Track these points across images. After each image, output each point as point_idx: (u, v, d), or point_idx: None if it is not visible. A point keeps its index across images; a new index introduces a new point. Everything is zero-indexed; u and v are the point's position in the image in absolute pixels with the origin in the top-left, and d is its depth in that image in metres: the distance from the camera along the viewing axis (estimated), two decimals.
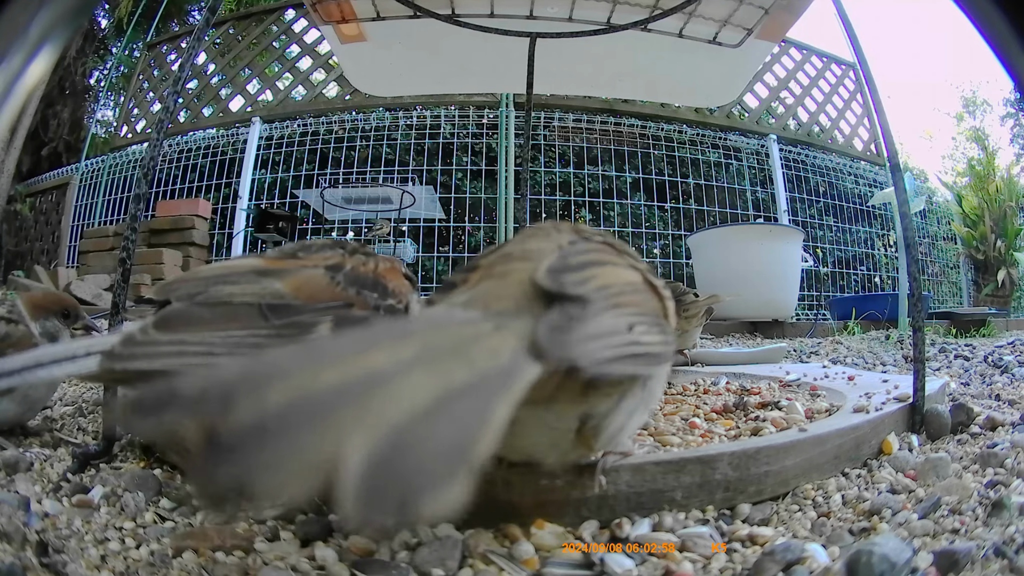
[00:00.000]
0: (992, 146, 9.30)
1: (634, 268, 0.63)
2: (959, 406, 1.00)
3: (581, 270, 0.55)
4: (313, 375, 0.32)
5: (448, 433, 0.31)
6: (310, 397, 0.30)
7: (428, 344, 0.38)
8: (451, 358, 0.37)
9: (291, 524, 0.66)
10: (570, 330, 0.45)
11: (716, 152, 6.26)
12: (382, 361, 0.34)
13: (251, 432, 0.28)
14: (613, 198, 6.11)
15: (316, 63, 6.35)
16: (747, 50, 1.82)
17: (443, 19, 1.71)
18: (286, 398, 0.30)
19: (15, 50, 0.40)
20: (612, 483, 0.64)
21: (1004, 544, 0.55)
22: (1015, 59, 0.42)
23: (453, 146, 6.09)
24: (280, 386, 0.31)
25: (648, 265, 0.68)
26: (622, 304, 0.54)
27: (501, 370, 0.38)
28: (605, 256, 0.61)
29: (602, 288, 0.53)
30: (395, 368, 0.34)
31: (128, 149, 6.60)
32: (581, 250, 0.60)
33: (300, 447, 0.28)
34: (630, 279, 0.60)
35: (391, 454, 0.28)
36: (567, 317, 0.47)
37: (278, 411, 0.29)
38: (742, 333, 4.07)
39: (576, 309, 0.48)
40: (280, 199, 6.02)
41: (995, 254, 6.77)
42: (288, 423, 0.29)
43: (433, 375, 0.34)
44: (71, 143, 8.41)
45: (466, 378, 0.35)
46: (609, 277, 0.57)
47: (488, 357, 0.39)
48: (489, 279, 0.56)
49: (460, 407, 0.33)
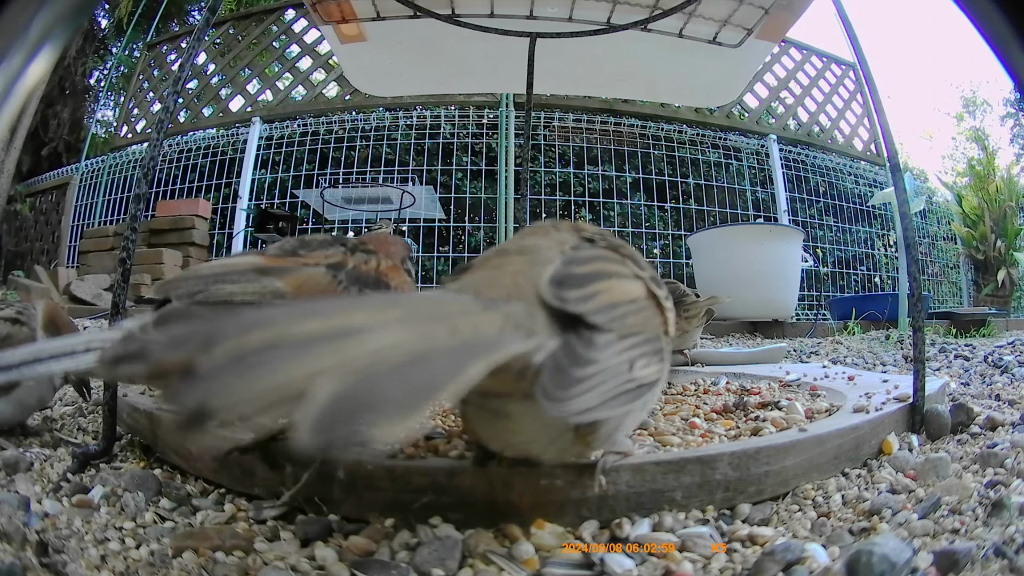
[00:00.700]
0: (992, 146, 9.30)
1: (637, 277, 0.62)
2: (959, 406, 1.00)
3: (585, 284, 0.54)
4: (296, 324, 0.35)
5: (413, 378, 0.34)
6: (288, 339, 0.33)
7: (415, 311, 0.41)
8: (434, 323, 0.40)
9: (291, 524, 0.66)
10: (571, 377, 0.46)
11: (716, 152, 6.26)
12: (365, 319, 0.37)
13: (225, 365, 0.31)
14: (613, 198, 6.11)
15: (316, 63, 6.36)
16: (747, 50, 1.82)
17: (443, 19, 1.71)
18: (264, 340, 0.33)
19: (15, 50, 0.40)
20: (612, 483, 0.64)
21: (1004, 544, 0.55)
22: (1015, 59, 0.42)
23: (453, 146, 6.09)
24: (261, 330, 0.33)
25: (651, 267, 0.68)
26: (626, 332, 0.54)
27: (483, 341, 0.41)
28: (610, 266, 0.60)
29: (608, 308, 0.53)
30: (377, 324, 0.37)
31: (128, 149, 6.60)
32: (586, 257, 0.59)
33: (266, 377, 0.31)
34: (634, 294, 0.59)
35: (354, 391, 0.31)
36: (571, 356, 0.47)
37: (253, 349, 0.32)
38: (742, 333, 4.07)
39: (580, 343, 0.49)
40: (280, 199, 6.02)
41: (995, 254, 6.77)
42: (261, 359, 0.31)
43: (414, 334, 0.37)
44: (71, 143, 8.41)
45: (446, 341, 0.39)
46: (615, 293, 0.56)
47: (472, 328, 0.42)
48: (484, 269, 0.58)
49: (433, 362, 0.36)
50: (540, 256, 0.58)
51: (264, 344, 0.32)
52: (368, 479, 0.66)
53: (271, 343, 0.33)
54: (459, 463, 0.68)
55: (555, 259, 0.58)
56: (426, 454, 0.77)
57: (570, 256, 0.58)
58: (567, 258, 0.58)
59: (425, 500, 0.63)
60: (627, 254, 0.65)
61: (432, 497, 0.63)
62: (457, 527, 0.61)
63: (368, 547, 0.59)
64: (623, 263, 0.62)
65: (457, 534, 0.59)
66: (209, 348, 0.32)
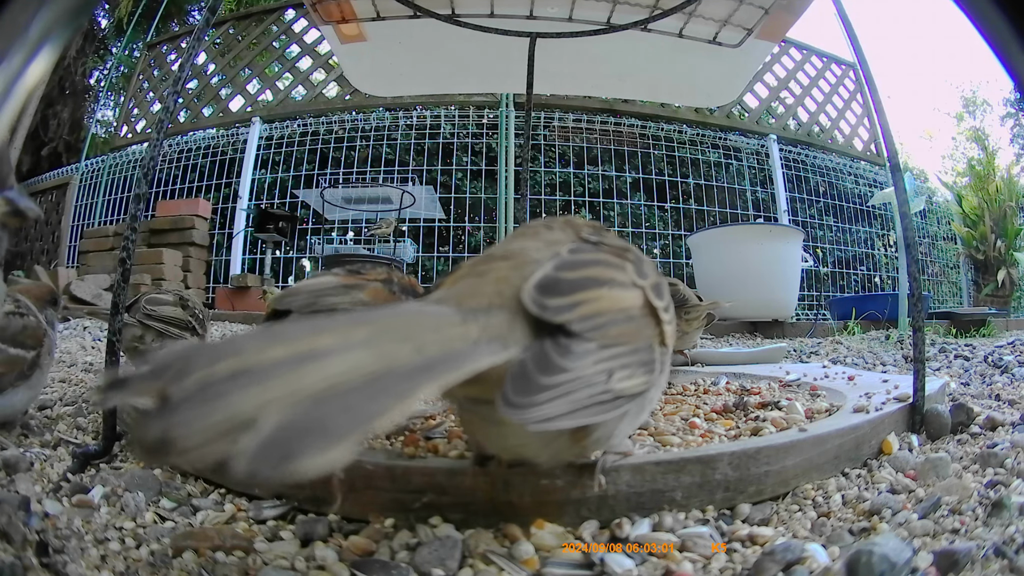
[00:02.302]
0: (992, 146, 9.32)
1: (635, 285, 0.59)
2: (959, 406, 1.00)
3: (572, 292, 0.52)
4: (262, 352, 0.36)
5: (361, 405, 0.35)
6: (252, 367, 0.34)
7: (383, 330, 0.41)
8: (399, 343, 0.40)
9: (291, 524, 0.66)
10: (537, 383, 0.45)
11: (716, 152, 6.27)
12: (330, 341, 0.38)
13: (191, 396, 0.33)
14: (613, 198, 6.11)
15: (316, 63, 6.36)
16: (747, 50, 1.82)
17: (443, 19, 1.71)
18: (230, 368, 0.34)
19: (15, 50, 0.40)
20: (612, 483, 0.64)
21: (1004, 544, 0.55)
22: (1015, 59, 0.42)
23: (453, 146, 6.09)
24: (229, 360, 0.34)
25: (656, 271, 0.64)
26: (610, 342, 0.52)
27: (450, 356, 0.42)
28: (605, 272, 0.57)
29: (591, 317, 0.51)
30: (340, 347, 0.38)
31: (128, 149, 6.60)
32: (580, 262, 0.57)
33: (221, 409, 0.32)
34: (626, 304, 0.56)
35: (298, 420, 0.32)
36: (542, 363, 0.46)
37: (219, 379, 0.33)
38: (742, 333, 4.07)
39: (556, 350, 0.48)
40: (280, 199, 6.02)
41: (995, 254, 6.77)
42: (222, 389, 0.33)
43: (375, 355, 0.38)
44: (71, 143, 8.41)
45: (408, 360, 0.39)
46: (603, 303, 0.53)
47: (440, 345, 0.42)
48: (468, 277, 0.56)
49: (388, 383, 0.37)
50: (526, 259, 0.57)
51: (230, 373, 0.34)
52: (368, 479, 0.66)
53: (237, 371, 0.34)
54: (459, 463, 0.68)
55: (544, 261, 0.56)
56: (426, 454, 0.77)
57: (564, 260, 0.56)
58: (560, 262, 0.55)
59: (425, 500, 0.63)
60: (631, 258, 0.62)
61: (432, 497, 0.63)
62: (457, 527, 0.61)
63: (368, 547, 0.59)
64: (622, 269, 0.59)
65: (457, 534, 0.59)
66: (181, 379, 0.33)
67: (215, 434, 0.31)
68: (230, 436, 0.31)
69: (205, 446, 0.31)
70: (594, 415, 0.49)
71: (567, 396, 0.47)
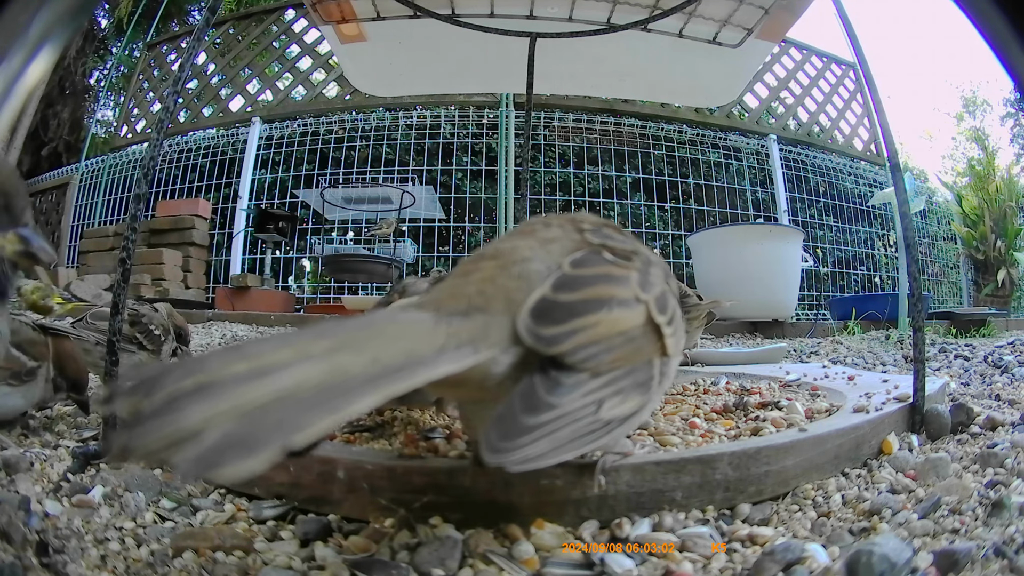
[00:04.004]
0: (992, 146, 9.30)
1: (637, 301, 0.56)
2: (959, 406, 1.00)
3: (569, 319, 0.51)
4: (225, 367, 0.39)
5: (285, 419, 0.37)
6: (214, 382, 0.37)
7: (343, 343, 0.43)
8: (355, 354, 0.42)
9: (291, 524, 0.66)
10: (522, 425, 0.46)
11: (716, 152, 6.27)
12: (289, 355, 0.40)
13: (156, 410, 0.36)
14: (613, 198, 6.11)
15: (316, 63, 6.36)
16: (747, 50, 1.82)
17: (443, 19, 1.71)
18: (195, 384, 0.37)
19: (15, 50, 0.40)
20: (612, 483, 0.64)
21: (1004, 544, 0.55)
22: (1015, 59, 0.42)
23: (453, 146, 6.09)
24: (195, 376, 0.38)
25: (662, 275, 0.62)
26: (604, 369, 0.51)
27: (408, 364, 0.43)
28: (607, 290, 0.55)
29: (587, 346, 0.50)
30: (297, 360, 0.40)
31: (128, 149, 6.60)
32: (580, 279, 0.54)
33: (175, 423, 0.36)
34: (626, 326, 0.54)
35: (232, 432, 0.36)
36: (528, 402, 0.47)
37: (183, 393, 0.37)
38: (742, 333, 4.07)
39: (544, 385, 0.48)
40: (280, 199, 6.02)
41: (995, 254, 6.77)
42: (182, 403, 0.36)
43: (323, 369, 0.40)
44: (71, 143, 8.41)
45: (362, 370, 0.41)
46: (601, 328, 0.52)
47: (402, 353, 0.44)
48: (455, 277, 0.56)
49: (328, 396, 0.39)
50: (514, 258, 0.56)
51: (193, 388, 0.37)
52: (368, 479, 0.66)
53: (200, 386, 0.37)
54: (459, 463, 0.68)
55: (539, 267, 0.54)
56: (426, 454, 0.77)
57: (563, 277, 0.54)
58: (558, 279, 0.53)
59: (425, 500, 0.63)
60: (636, 265, 0.59)
61: (432, 497, 0.63)
62: (457, 527, 0.61)
63: (368, 547, 0.59)
64: (626, 281, 0.57)
65: (457, 534, 0.59)
66: (150, 394, 0.37)
67: (164, 445, 0.35)
68: (176, 447, 0.35)
69: (155, 454, 0.36)
70: (579, 448, 0.49)
71: (550, 436, 0.47)
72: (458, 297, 0.52)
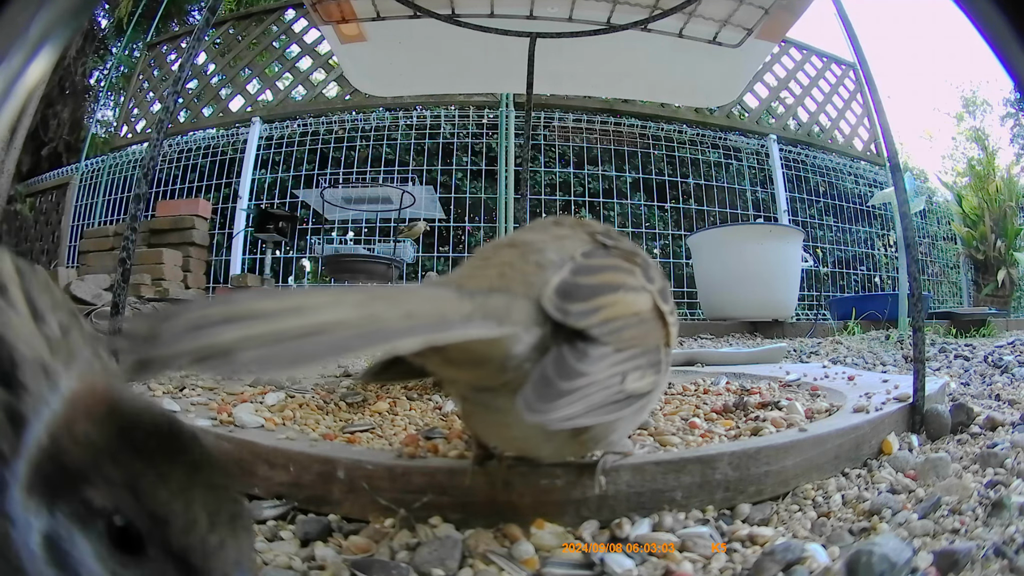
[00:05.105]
0: (992, 146, 9.31)
1: (645, 290, 0.61)
2: (959, 406, 1.00)
3: (591, 297, 0.54)
4: (252, 304, 0.38)
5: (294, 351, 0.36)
6: (244, 315, 0.36)
7: (375, 296, 0.43)
8: (389, 305, 0.42)
9: (291, 524, 0.66)
10: (558, 389, 0.48)
11: (716, 152, 6.26)
12: (322, 300, 0.40)
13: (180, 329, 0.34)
14: (613, 198, 6.11)
15: (316, 63, 6.35)
16: (747, 50, 1.82)
17: (443, 19, 1.71)
18: (223, 314, 0.36)
19: (15, 50, 0.40)
20: (612, 483, 0.64)
21: (1004, 544, 0.55)
22: (1015, 59, 0.42)
23: (453, 146, 6.09)
24: (222, 307, 0.36)
25: (660, 274, 0.66)
26: (623, 345, 0.54)
27: (438, 323, 0.43)
28: (618, 277, 0.59)
29: (609, 322, 0.54)
30: (329, 304, 0.39)
31: (128, 149, 6.59)
32: (596, 267, 0.58)
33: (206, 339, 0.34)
34: (639, 308, 0.58)
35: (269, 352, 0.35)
36: (561, 369, 0.49)
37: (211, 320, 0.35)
38: (742, 333, 4.07)
39: (574, 355, 0.50)
40: (280, 199, 6.02)
41: (995, 254, 6.77)
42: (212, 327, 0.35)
43: (361, 314, 0.40)
44: (71, 143, 8.40)
45: (394, 320, 0.41)
46: (618, 308, 0.56)
47: (431, 312, 0.44)
48: (474, 262, 0.59)
49: (368, 332, 0.39)
50: (533, 248, 0.58)
51: (222, 317, 0.35)
52: (368, 479, 0.66)
53: (229, 317, 0.36)
54: (459, 463, 0.68)
55: (553, 257, 0.57)
56: (426, 454, 0.77)
57: (580, 264, 0.57)
58: (576, 266, 0.57)
59: (425, 500, 0.63)
60: (639, 262, 0.64)
61: (432, 497, 0.63)
62: (457, 527, 0.61)
63: (368, 547, 0.59)
64: (632, 273, 0.61)
65: (457, 534, 0.59)
66: (170, 319, 0.35)
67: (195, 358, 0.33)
68: (207, 361, 0.34)
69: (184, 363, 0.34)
70: (609, 413, 0.52)
71: (585, 399, 0.49)
72: (479, 279, 0.54)
